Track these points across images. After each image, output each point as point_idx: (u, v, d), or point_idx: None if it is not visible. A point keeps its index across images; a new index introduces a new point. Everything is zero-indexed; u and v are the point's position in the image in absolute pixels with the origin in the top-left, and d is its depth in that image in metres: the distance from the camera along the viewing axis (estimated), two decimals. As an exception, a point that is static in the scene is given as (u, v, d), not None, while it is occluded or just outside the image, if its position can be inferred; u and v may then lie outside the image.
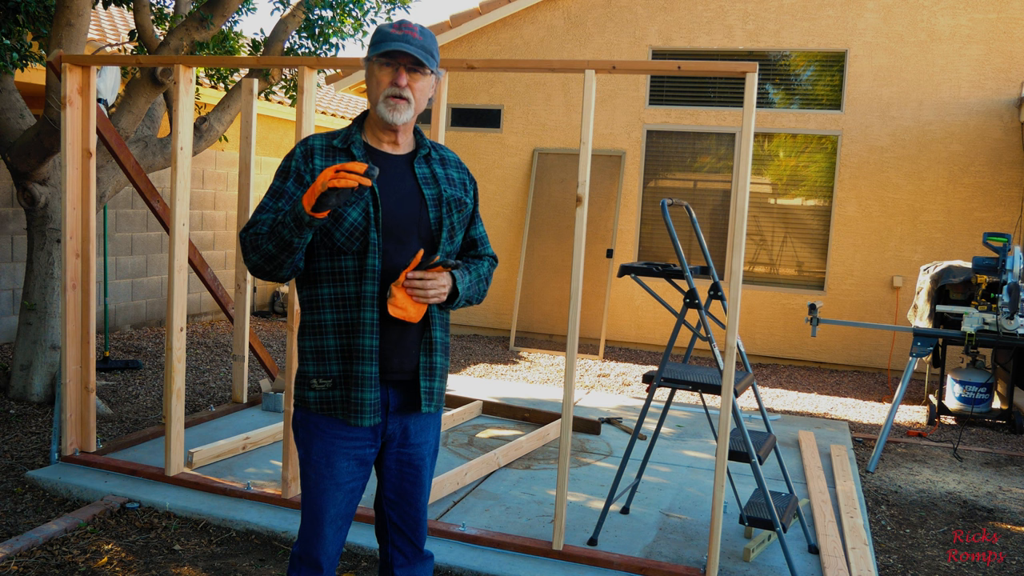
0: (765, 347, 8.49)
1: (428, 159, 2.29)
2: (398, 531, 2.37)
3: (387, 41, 2.13)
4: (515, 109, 9.10)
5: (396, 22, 2.19)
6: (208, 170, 9.21)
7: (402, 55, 2.14)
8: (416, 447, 2.32)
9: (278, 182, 2.20)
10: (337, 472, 2.21)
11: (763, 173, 8.47)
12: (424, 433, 2.33)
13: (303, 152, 2.21)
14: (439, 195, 2.24)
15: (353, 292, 2.15)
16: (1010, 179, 7.76)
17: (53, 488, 4.03)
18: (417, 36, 2.15)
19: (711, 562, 3.28)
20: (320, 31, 6.92)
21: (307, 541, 2.26)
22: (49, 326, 5.45)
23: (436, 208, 2.23)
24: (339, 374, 2.17)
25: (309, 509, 2.25)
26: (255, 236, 2.12)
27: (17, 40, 5.27)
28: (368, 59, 2.19)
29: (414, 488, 2.35)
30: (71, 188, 4.13)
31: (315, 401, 2.20)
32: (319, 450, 2.21)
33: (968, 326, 5.54)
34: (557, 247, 8.82)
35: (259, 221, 2.15)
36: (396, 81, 2.15)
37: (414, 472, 2.33)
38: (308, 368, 2.21)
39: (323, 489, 2.22)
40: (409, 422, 2.29)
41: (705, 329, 3.59)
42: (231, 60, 4.02)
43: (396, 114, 2.16)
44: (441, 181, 2.27)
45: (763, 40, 8.32)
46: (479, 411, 5.78)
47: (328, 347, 2.17)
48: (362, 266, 2.13)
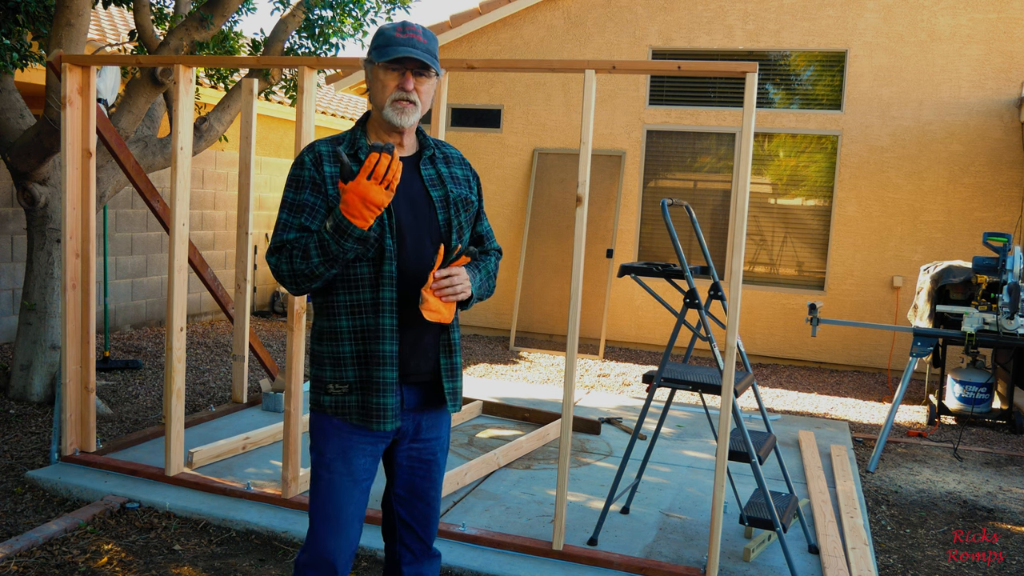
0: (765, 347, 8.49)
1: (433, 160, 2.29)
2: (407, 528, 2.36)
3: (393, 46, 2.12)
4: (515, 109, 9.10)
5: (399, 24, 2.17)
6: (208, 170, 9.20)
7: (409, 60, 2.13)
8: (427, 442, 2.32)
9: (293, 194, 2.17)
10: (354, 468, 2.21)
11: (763, 173, 8.47)
12: (436, 428, 2.34)
13: (313, 160, 2.18)
14: (446, 196, 2.25)
15: (369, 299, 2.15)
16: (1010, 179, 7.76)
17: (53, 488, 4.03)
18: (421, 39, 2.14)
19: (711, 562, 3.28)
20: (320, 31, 6.92)
21: (319, 542, 2.22)
22: (49, 326, 5.45)
23: (444, 210, 2.24)
24: (355, 379, 2.18)
25: (323, 510, 2.22)
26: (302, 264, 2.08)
27: (17, 40, 5.27)
28: (372, 62, 2.18)
29: (424, 483, 2.34)
30: (71, 188, 4.13)
31: (331, 405, 2.20)
32: (335, 447, 2.21)
33: (968, 326, 5.54)
34: (557, 247, 8.82)
35: (286, 243, 2.12)
36: (403, 85, 2.14)
37: (425, 467, 2.33)
38: (325, 373, 2.21)
39: (340, 486, 2.21)
40: (422, 418, 2.30)
41: (705, 329, 3.59)
42: (231, 60, 4.02)
43: (404, 117, 2.16)
44: (447, 181, 2.27)
45: (763, 40, 8.32)
46: (479, 411, 5.78)
47: (344, 353, 2.18)
48: (378, 272, 2.14)
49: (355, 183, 1.99)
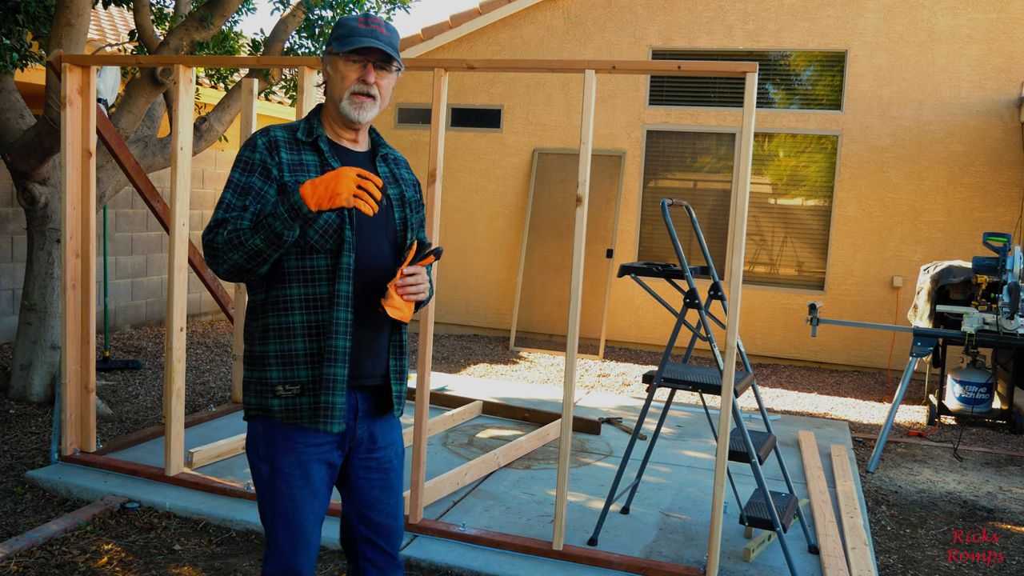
0: (765, 347, 8.49)
1: (386, 159, 2.26)
2: (369, 544, 2.25)
3: (355, 36, 2.07)
4: (515, 109, 9.10)
5: (361, 15, 2.12)
6: (208, 170, 9.21)
7: (372, 51, 2.09)
8: (383, 449, 2.24)
9: (241, 176, 2.07)
10: (313, 480, 2.12)
11: (763, 173, 8.47)
12: (390, 435, 2.27)
13: (267, 144, 2.09)
14: (401, 195, 2.23)
15: (326, 292, 2.06)
16: (1010, 179, 7.76)
17: (53, 488, 4.03)
18: (385, 32, 2.10)
19: (711, 562, 3.28)
20: (320, 31, 6.92)
21: (286, 556, 2.13)
22: (49, 326, 5.45)
23: (400, 208, 2.21)
24: (307, 379, 2.07)
25: (286, 523, 2.11)
26: (236, 233, 1.95)
27: (17, 40, 5.27)
28: (332, 53, 2.12)
29: (385, 494, 2.24)
30: (71, 188, 4.13)
31: (280, 409, 2.08)
32: (292, 462, 2.09)
33: (968, 326, 5.54)
34: (557, 247, 8.82)
35: (228, 220, 2.00)
36: (364, 78, 2.09)
37: (383, 476, 2.24)
38: (271, 374, 2.08)
39: (301, 500, 2.11)
40: (375, 426, 2.23)
41: (705, 329, 3.59)
42: (231, 60, 4.01)
43: (362, 112, 2.11)
44: (401, 182, 2.25)
45: (763, 40, 8.32)
46: (479, 411, 5.77)
47: (296, 351, 2.07)
48: (336, 265, 2.06)
49: (345, 168, 1.92)
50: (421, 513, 3.66)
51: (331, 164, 2.12)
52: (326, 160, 2.12)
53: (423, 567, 3.42)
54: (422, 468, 3.61)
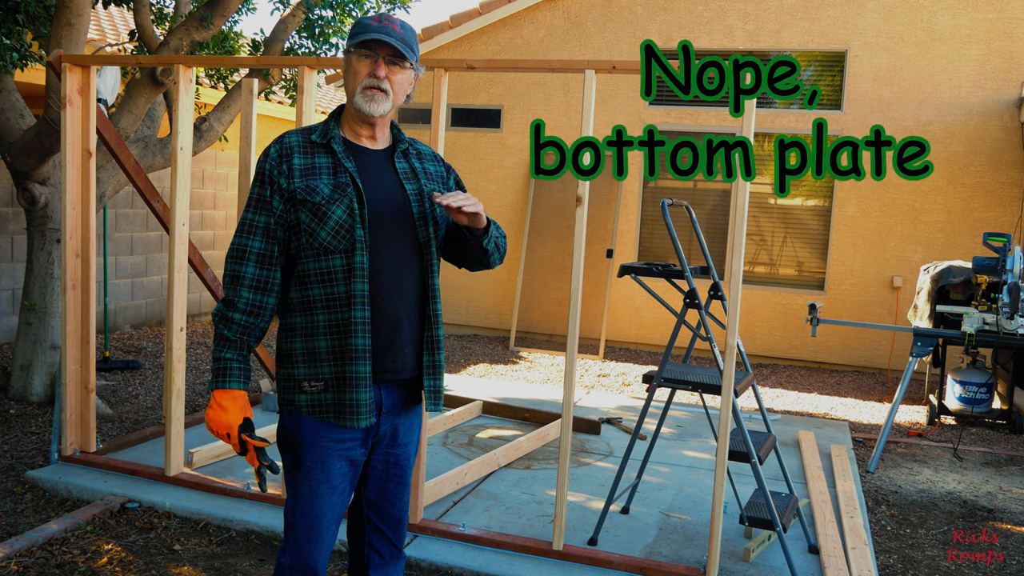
0: (765, 347, 8.49)
1: (406, 154, 2.28)
2: (377, 532, 2.32)
3: (366, 32, 2.11)
4: (515, 109, 9.10)
5: (377, 14, 2.17)
6: (208, 170, 9.20)
7: (381, 45, 2.11)
8: (403, 447, 2.30)
9: (256, 188, 2.16)
10: (332, 475, 2.17)
11: (763, 173, 8.47)
12: (411, 433, 2.32)
13: (279, 152, 2.15)
14: (420, 190, 2.23)
15: (343, 292, 2.11)
16: (1010, 179, 7.76)
17: (53, 488, 4.03)
18: (397, 29, 2.13)
19: (711, 562, 3.28)
20: (320, 31, 6.92)
21: (301, 550, 2.19)
22: (49, 326, 5.45)
23: (419, 203, 2.22)
24: (331, 376, 2.13)
25: (303, 516, 2.18)
26: (221, 320, 2.15)
27: (17, 40, 5.27)
28: (347, 51, 2.16)
29: (398, 488, 2.31)
30: (71, 188, 4.13)
31: (307, 404, 2.15)
32: (313, 455, 2.15)
33: (968, 326, 5.54)
34: (557, 247, 8.82)
35: (248, 253, 2.13)
36: (374, 72, 2.12)
37: (400, 472, 2.30)
38: (298, 371, 2.15)
39: (320, 494, 2.17)
40: (399, 423, 2.27)
41: (705, 329, 3.59)
42: (231, 60, 4.02)
43: (374, 105, 2.13)
44: (420, 176, 2.26)
45: (763, 40, 8.32)
46: (479, 411, 5.78)
47: (319, 348, 2.13)
48: (350, 264, 2.10)
49: (231, 424, 2.11)
50: (421, 513, 3.66)
51: (344, 164, 2.14)
52: (339, 161, 2.15)
53: (423, 567, 3.42)
54: (422, 468, 3.61)
